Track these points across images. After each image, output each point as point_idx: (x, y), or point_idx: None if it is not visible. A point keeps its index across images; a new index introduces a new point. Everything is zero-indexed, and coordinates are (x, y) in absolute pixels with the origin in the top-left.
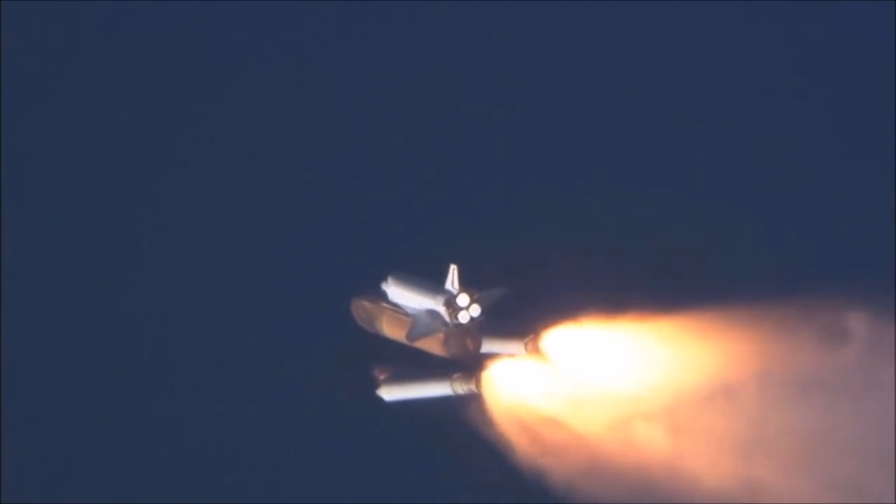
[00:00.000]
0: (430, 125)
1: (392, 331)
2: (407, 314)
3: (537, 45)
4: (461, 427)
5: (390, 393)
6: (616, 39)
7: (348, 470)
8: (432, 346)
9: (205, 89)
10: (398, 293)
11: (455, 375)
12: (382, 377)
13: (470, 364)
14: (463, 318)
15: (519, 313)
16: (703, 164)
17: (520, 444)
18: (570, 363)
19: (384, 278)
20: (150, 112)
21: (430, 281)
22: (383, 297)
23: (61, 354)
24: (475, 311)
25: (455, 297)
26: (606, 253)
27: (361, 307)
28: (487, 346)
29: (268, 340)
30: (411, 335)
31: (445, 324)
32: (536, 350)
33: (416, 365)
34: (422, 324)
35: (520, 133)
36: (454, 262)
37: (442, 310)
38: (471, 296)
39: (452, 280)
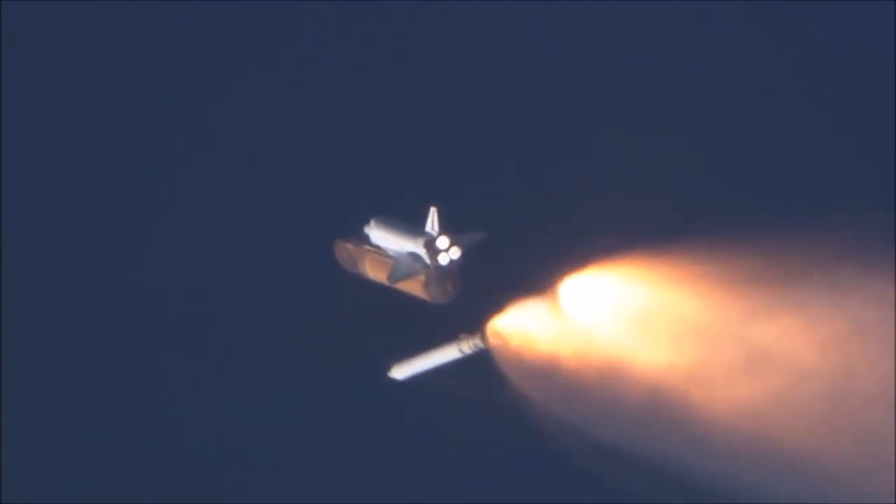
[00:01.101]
0: (431, 125)
1: (374, 272)
2: (389, 256)
3: (543, 45)
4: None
5: (401, 371)
6: (616, 39)
7: (367, 467)
8: (413, 287)
9: (205, 89)
10: (380, 236)
11: (461, 336)
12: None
13: (449, 305)
14: (443, 260)
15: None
16: (703, 163)
17: (532, 392)
18: (577, 310)
19: (367, 221)
20: (149, 112)
21: (412, 224)
22: (366, 239)
23: (61, 354)
24: (455, 253)
25: (435, 239)
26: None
27: (345, 249)
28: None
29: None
30: (392, 277)
31: (426, 266)
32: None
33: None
34: (403, 266)
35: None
36: (434, 205)
37: (422, 252)
38: (450, 238)
39: (432, 223)
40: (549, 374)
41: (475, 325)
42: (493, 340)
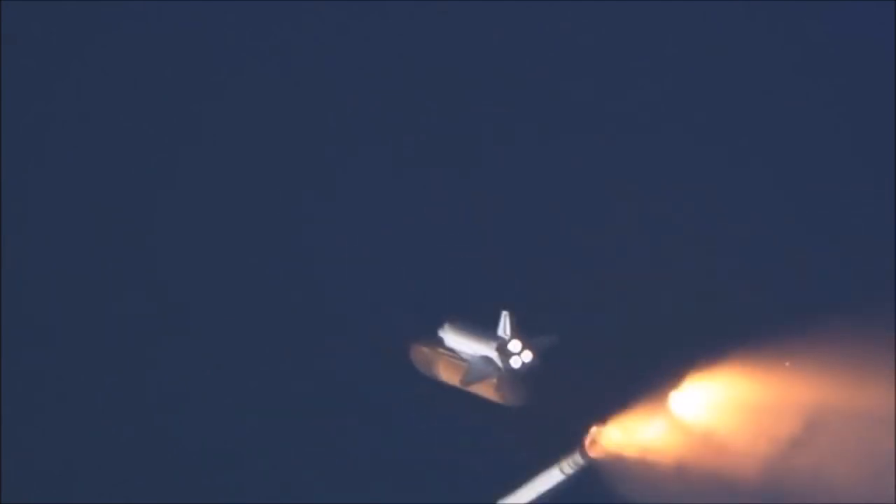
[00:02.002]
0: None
1: (448, 375)
2: (462, 360)
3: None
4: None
5: None
6: (615, 39)
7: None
8: (486, 390)
9: (205, 89)
10: (454, 339)
11: (561, 459)
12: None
13: (524, 409)
14: (515, 363)
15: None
16: (701, 164)
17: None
18: (690, 414)
19: (441, 324)
20: (149, 113)
21: (485, 327)
22: (440, 342)
23: (61, 354)
24: (527, 356)
25: (507, 342)
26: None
27: (420, 353)
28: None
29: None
30: (465, 380)
31: (498, 369)
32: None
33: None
34: (476, 369)
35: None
36: (506, 309)
37: (495, 355)
38: (522, 341)
39: (504, 326)
40: (662, 481)
41: (568, 436)
42: (594, 453)
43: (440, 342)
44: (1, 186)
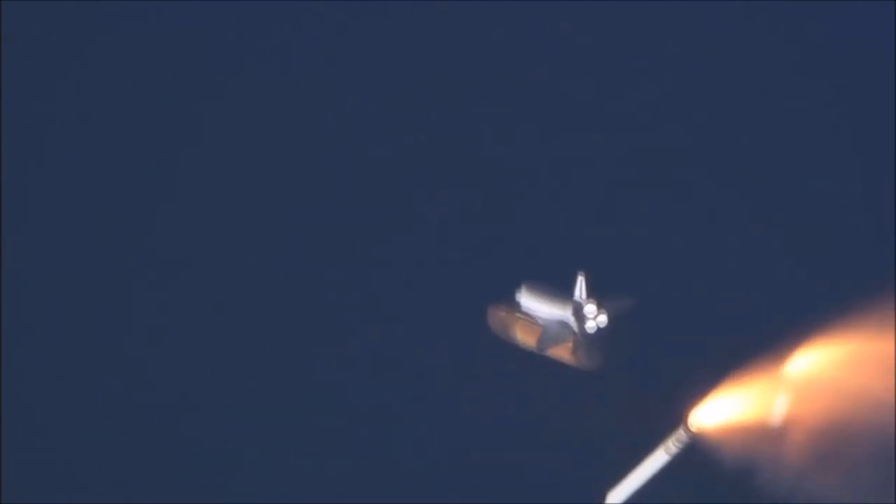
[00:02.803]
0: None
1: (525, 338)
2: (538, 323)
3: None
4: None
5: (618, 495)
6: (615, 39)
7: None
8: (562, 353)
9: (205, 89)
10: (530, 302)
11: (665, 438)
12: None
13: (596, 372)
14: (590, 327)
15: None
16: (701, 164)
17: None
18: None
19: (518, 287)
20: (148, 113)
21: (561, 290)
22: (517, 306)
23: (62, 354)
24: (602, 320)
25: (582, 306)
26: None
27: (497, 316)
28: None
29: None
30: (541, 343)
31: (573, 333)
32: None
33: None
34: (551, 332)
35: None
36: (582, 272)
37: (570, 319)
38: (597, 305)
39: (580, 289)
40: (775, 453)
41: (668, 413)
42: (697, 429)
43: (517, 306)
44: (1, 186)
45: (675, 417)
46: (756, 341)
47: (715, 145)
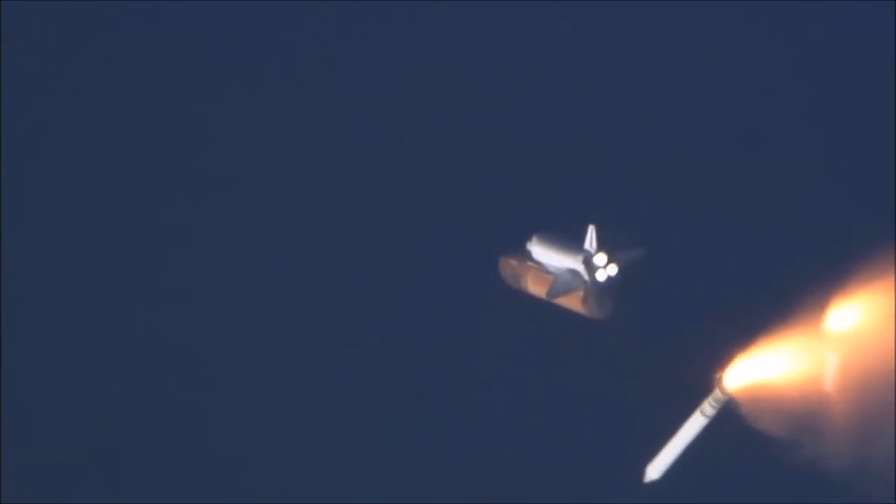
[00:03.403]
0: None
1: (535, 288)
2: (549, 273)
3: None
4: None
5: (656, 468)
6: (615, 39)
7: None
8: (572, 303)
9: (206, 89)
10: (541, 252)
11: (701, 401)
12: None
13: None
14: (600, 276)
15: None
16: (701, 164)
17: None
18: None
19: (530, 238)
20: (149, 112)
21: (574, 240)
22: (529, 256)
23: (62, 354)
24: (612, 270)
25: (592, 256)
26: None
27: (508, 265)
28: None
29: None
30: (550, 292)
31: (584, 282)
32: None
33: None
34: (561, 282)
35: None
36: (592, 222)
37: (581, 268)
38: (608, 255)
39: (591, 240)
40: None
41: (701, 371)
42: (732, 389)
43: (528, 255)
44: (1, 186)
45: (710, 377)
46: (792, 295)
47: (715, 145)
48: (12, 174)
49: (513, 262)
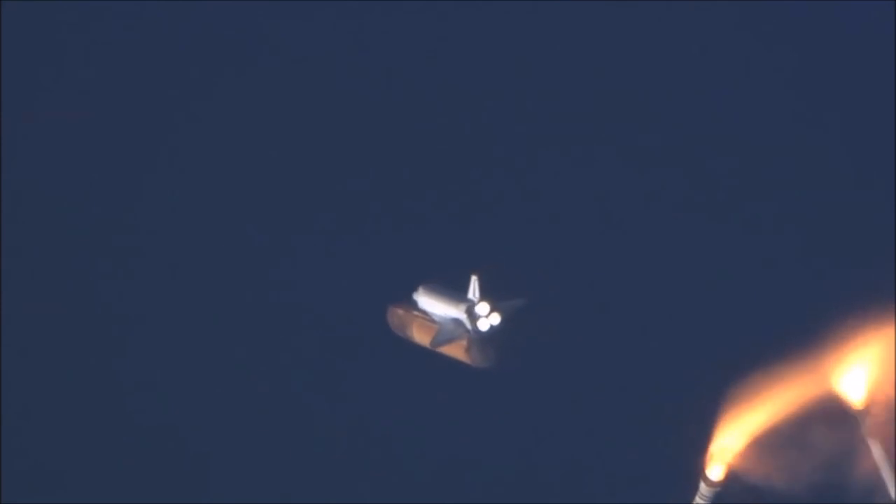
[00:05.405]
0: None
1: (420, 337)
2: (435, 322)
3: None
4: None
5: None
6: (615, 39)
7: None
8: (457, 352)
9: (206, 89)
10: (427, 302)
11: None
12: None
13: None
14: (483, 326)
15: None
16: (700, 164)
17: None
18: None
19: (415, 288)
20: (148, 113)
21: (457, 291)
22: (415, 305)
23: (62, 354)
24: (495, 319)
25: (475, 305)
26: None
27: (395, 315)
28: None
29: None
30: (434, 341)
31: (467, 331)
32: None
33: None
34: (445, 331)
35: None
36: (475, 273)
37: (464, 318)
38: (490, 304)
39: (474, 290)
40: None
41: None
42: (719, 480)
43: (415, 305)
44: (1, 186)
45: (694, 463)
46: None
47: (713, 146)
48: (13, 174)
49: (399, 311)
